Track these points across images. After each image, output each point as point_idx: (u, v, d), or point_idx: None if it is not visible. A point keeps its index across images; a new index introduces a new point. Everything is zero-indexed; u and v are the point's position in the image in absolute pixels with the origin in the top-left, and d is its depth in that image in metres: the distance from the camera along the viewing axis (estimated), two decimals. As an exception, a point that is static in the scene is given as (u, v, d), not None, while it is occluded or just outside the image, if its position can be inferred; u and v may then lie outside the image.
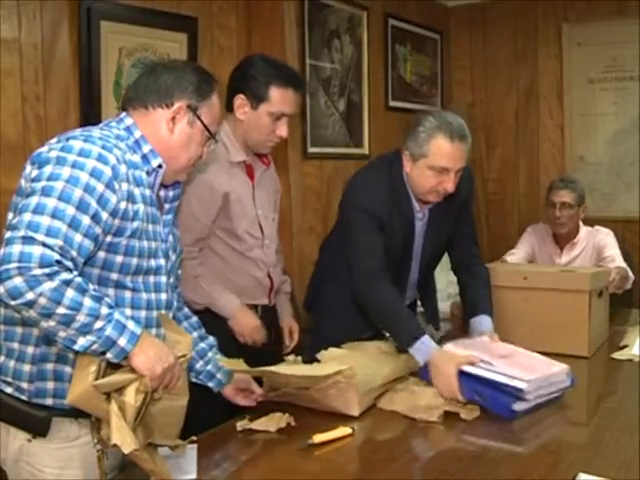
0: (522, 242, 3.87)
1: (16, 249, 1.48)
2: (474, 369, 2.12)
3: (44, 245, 1.49)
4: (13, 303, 1.48)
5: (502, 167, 5.40)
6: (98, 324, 1.53)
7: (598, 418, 2.10)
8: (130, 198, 1.69)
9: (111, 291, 1.69)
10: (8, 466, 1.77)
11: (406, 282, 2.74)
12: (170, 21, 3.24)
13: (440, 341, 2.50)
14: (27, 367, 1.70)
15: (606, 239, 3.68)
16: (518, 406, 2.03)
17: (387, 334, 2.53)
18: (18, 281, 1.46)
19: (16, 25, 2.68)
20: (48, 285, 1.47)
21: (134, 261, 1.72)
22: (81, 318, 1.51)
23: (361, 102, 4.52)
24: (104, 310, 1.54)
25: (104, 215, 1.62)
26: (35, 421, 1.71)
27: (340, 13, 4.27)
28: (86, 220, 1.57)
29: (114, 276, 1.70)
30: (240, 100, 2.43)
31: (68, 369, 1.69)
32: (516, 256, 3.72)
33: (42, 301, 1.47)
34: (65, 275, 1.50)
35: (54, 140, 1.72)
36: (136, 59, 3.11)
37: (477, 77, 5.47)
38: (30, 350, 1.70)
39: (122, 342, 1.57)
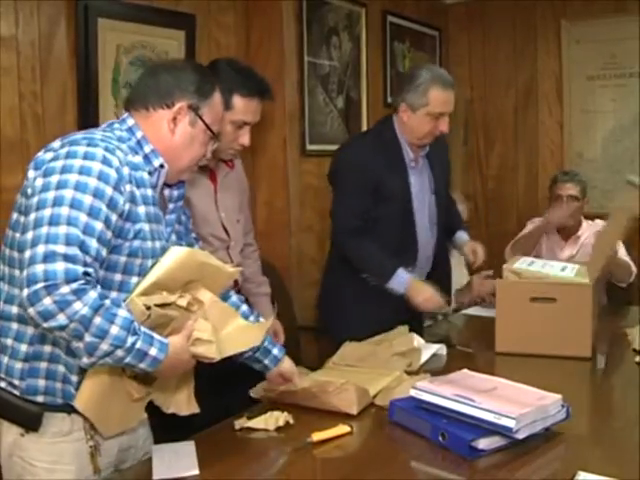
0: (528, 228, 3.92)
1: (39, 268, 1.49)
2: (456, 405, 1.85)
3: (66, 259, 1.51)
4: (45, 325, 1.50)
5: (501, 164, 5.39)
6: (119, 353, 1.56)
7: (598, 416, 2.10)
8: (133, 200, 1.70)
9: (114, 293, 1.69)
10: (2, 460, 1.78)
11: (415, 240, 2.97)
12: (168, 18, 3.23)
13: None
14: (19, 364, 1.71)
15: None
16: (483, 444, 1.78)
17: (365, 276, 2.89)
18: (48, 302, 1.48)
19: (13, 22, 2.67)
20: (78, 306, 1.49)
21: (137, 262, 1.72)
22: (104, 347, 1.54)
23: (360, 99, 4.51)
24: (129, 340, 1.56)
25: (114, 217, 1.63)
26: (27, 416, 1.72)
27: (338, 10, 4.26)
28: (99, 225, 1.59)
29: (118, 277, 1.70)
30: None
31: (61, 368, 1.71)
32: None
33: (73, 325, 1.50)
34: (93, 294, 1.52)
35: (57, 144, 1.71)
36: (134, 57, 3.10)
37: (476, 74, 5.46)
38: (24, 348, 1.71)
39: (153, 352, 1.61)
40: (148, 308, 1.64)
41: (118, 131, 1.79)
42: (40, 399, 1.72)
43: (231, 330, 1.83)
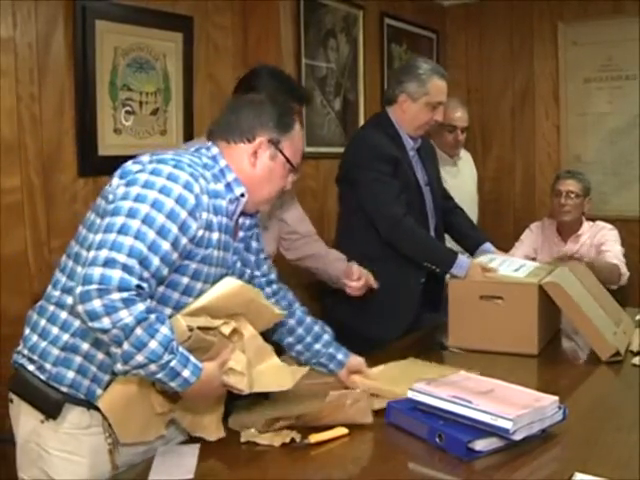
0: (521, 241, 3.95)
1: (97, 271, 1.53)
2: (453, 407, 1.84)
3: (124, 268, 1.54)
4: (90, 324, 1.55)
5: (498, 166, 5.40)
6: (152, 367, 1.58)
7: (594, 418, 2.10)
8: (208, 227, 1.73)
9: (168, 310, 1.72)
10: (18, 444, 1.83)
11: (428, 228, 3.06)
12: (165, 20, 3.24)
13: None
14: (56, 351, 1.76)
15: (607, 235, 3.76)
16: (480, 445, 1.77)
17: (426, 264, 2.90)
18: (97, 304, 1.52)
19: (11, 24, 2.67)
20: (123, 315, 1.52)
21: (198, 285, 1.77)
22: (139, 358, 1.56)
23: (357, 101, 4.52)
24: (165, 357, 1.58)
25: (183, 241, 1.67)
26: (49, 402, 1.76)
27: (336, 12, 4.27)
28: (165, 246, 1.62)
29: (176, 296, 1.74)
30: None
31: (93, 368, 1.75)
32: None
33: (114, 331, 1.53)
34: (141, 306, 1.55)
35: (146, 158, 1.75)
36: (131, 58, 3.11)
37: (473, 76, 5.47)
38: (65, 337, 1.75)
39: (186, 374, 1.63)
40: (191, 330, 1.66)
41: (205, 158, 1.83)
42: (64, 389, 1.75)
43: (264, 368, 1.85)
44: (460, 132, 4.10)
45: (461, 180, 4.16)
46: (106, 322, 1.52)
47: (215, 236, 1.76)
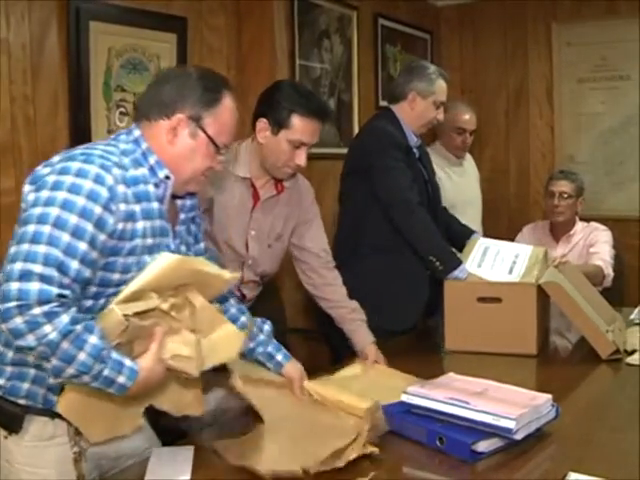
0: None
1: (14, 286, 1.48)
2: (452, 409, 1.84)
3: (42, 279, 1.49)
4: (16, 342, 1.51)
5: (492, 167, 5.40)
6: (85, 378, 1.55)
7: (588, 417, 2.10)
8: (130, 217, 1.67)
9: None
10: None
11: (437, 222, 3.05)
12: (159, 21, 3.23)
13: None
14: (8, 368, 1.71)
15: (599, 236, 3.74)
16: (482, 446, 1.77)
17: (431, 258, 2.86)
18: (19, 321, 1.48)
19: (4, 25, 2.67)
20: (47, 330, 1.48)
21: (130, 277, 1.69)
22: (70, 371, 1.53)
23: (351, 102, 4.52)
24: (96, 367, 1.54)
25: (102, 237, 1.60)
26: (8, 417, 1.72)
27: (330, 13, 4.26)
28: (82, 246, 1.56)
29: (111, 290, 1.68)
30: (262, 124, 2.40)
31: (46, 377, 1.68)
32: None
33: (40, 348, 1.49)
34: (65, 318, 1.50)
35: (56, 159, 1.69)
36: (125, 59, 3.10)
37: (467, 77, 5.47)
38: (10, 354, 1.70)
39: (121, 380, 1.59)
40: (127, 319, 1.61)
41: (123, 144, 1.75)
42: (21, 401, 1.71)
43: (216, 337, 1.79)
44: (469, 135, 4.20)
45: (467, 179, 4.27)
46: (30, 339, 1.48)
47: (140, 225, 1.69)
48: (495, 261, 2.90)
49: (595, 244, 3.69)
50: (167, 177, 1.76)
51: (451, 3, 5.48)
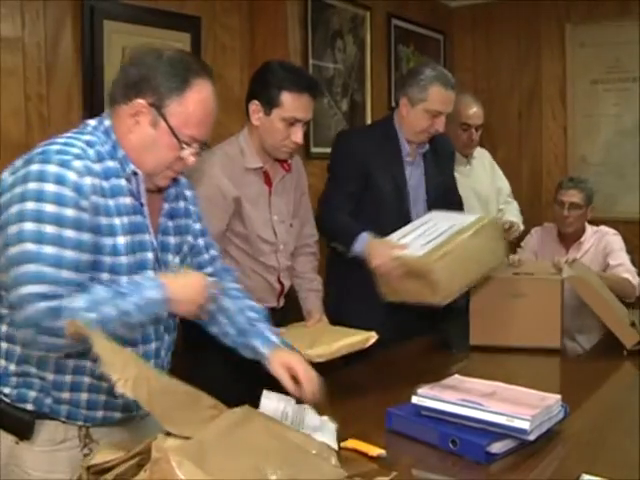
0: (522, 247, 3.87)
1: (20, 315, 1.50)
2: (465, 410, 1.82)
3: (41, 298, 1.48)
4: (44, 326, 1.51)
5: (504, 168, 5.31)
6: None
7: (602, 419, 2.09)
8: (104, 211, 1.60)
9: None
10: (2, 466, 1.75)
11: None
12: (173, 21, 3.24)
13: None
14: (13, 378, 1.70)
15: (613, 243, 3.60)
16: (496, 448, 1.76)
17: (334, 245, 2.94)
18: (28, 334, 1.52)
19: (19, 24, 2.68)
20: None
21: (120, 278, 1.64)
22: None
23: (364, 102, 4.52)
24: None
25: (85, 237, 1.56)
26: (19, 424, 1.70)
27: (343, 13, 4.27)
28: (69, 254, 1.52)
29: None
30: (254, 106, 2.43)
31: (50, 388, 1.69)
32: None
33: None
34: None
35: (19, 162, 1.61)
36: (139, 58, 3.11)
37: (480, 78, 5.46)
38: (12, 367, 1.70)
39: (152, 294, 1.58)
40: None
41: (88, 135, 1.64)
42: (30, 407, 1.70)
43: None
44: (475, 130, 3.96)
45: (473, 180, 4.01)
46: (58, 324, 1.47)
47: (116, 221, 1.61)
48: (424, 233, 2.67)
49: (611, 253, 3.55)
50: (135, 173, 1.66)
51: (464, 4, 5.47)
